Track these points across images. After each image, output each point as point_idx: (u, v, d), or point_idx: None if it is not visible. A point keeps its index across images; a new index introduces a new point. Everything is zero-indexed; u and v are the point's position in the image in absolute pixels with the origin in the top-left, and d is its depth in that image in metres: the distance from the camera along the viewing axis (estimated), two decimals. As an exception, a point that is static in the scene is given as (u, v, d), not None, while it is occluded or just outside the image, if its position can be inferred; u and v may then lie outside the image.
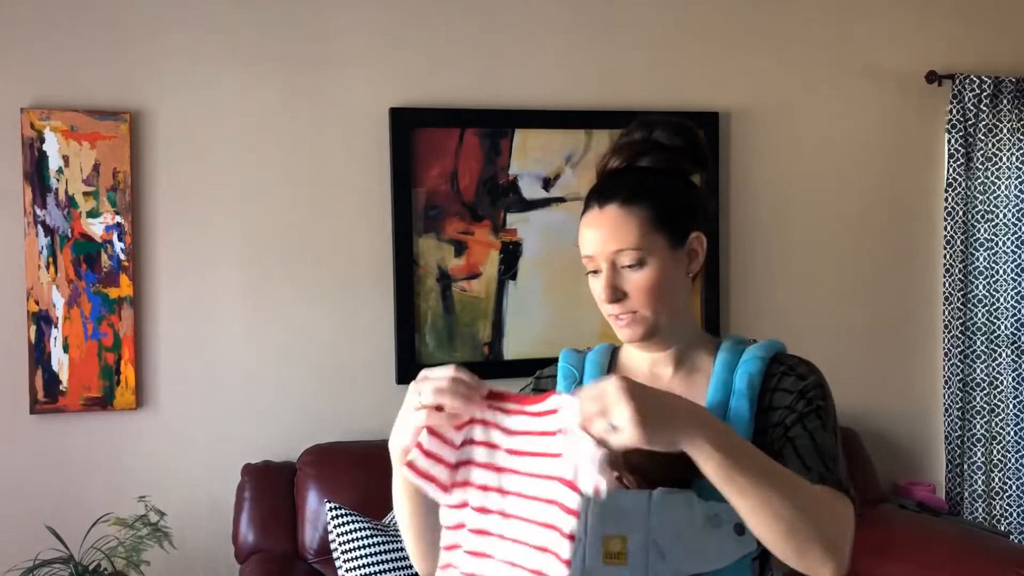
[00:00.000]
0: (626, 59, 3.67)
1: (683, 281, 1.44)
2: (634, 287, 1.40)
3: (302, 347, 3.40)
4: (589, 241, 1.42)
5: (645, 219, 1.39)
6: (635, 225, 1.39)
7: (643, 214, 1.39)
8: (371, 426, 3.41)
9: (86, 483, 3.21)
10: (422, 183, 3.47)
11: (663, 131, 1.45)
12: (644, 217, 1.39)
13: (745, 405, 1.36)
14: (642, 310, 1.40)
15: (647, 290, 1.39)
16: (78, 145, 3.17)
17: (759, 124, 3.82)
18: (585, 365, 1.51)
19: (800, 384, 1.39)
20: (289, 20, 3.38)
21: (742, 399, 1.37)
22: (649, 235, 1.40)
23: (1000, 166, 3.95)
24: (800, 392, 1.39)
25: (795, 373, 1.41)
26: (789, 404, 1.38)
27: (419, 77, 3.48)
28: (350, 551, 2.99)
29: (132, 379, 3.22)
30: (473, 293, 3.53)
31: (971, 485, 3.96)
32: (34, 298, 3.14)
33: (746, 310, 3.81)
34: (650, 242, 1.39)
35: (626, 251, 1.39)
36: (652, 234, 1.40)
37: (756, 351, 1.43)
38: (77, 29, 3.20)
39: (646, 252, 1.39)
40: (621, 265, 1.39)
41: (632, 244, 1.38)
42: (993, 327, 3.96)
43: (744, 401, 1.37)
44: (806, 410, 1.37)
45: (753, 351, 1.43)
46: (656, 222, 1.40)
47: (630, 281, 1.40)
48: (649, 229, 1.40)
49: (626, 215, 1.39)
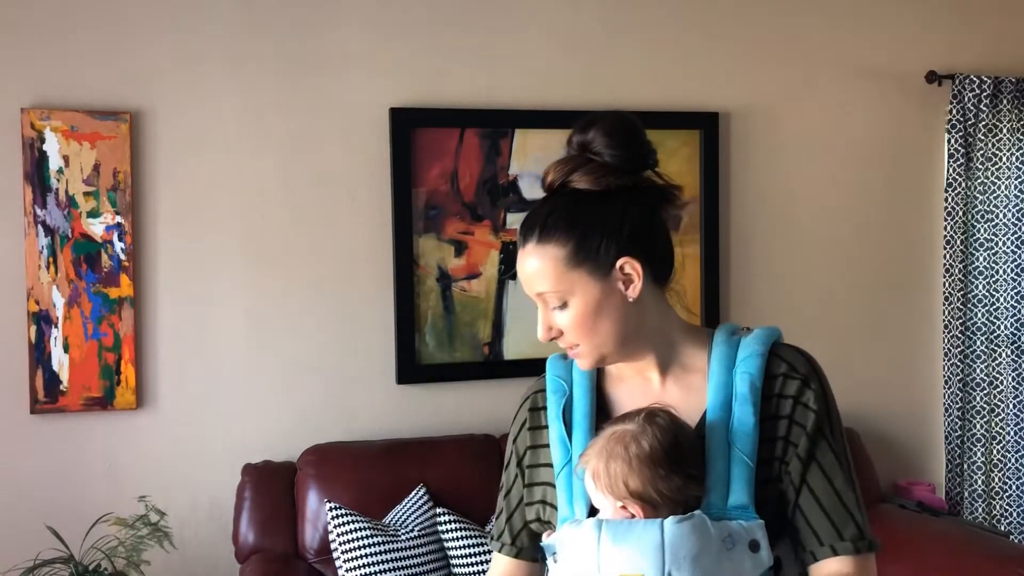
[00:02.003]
0: (626, 59, 3.67)
1: (623, 308, 1.36)
2: (565, 326, 1.36)
3: (302, 347, 3.40)
4: (520, 281, 1.39)
5: (561, 258, 1.34)
6: (551, 267, 1.34)
7: (558, 253, 1.34)
8: (371, 426, 3.41)
9: (86, 483, 3.21)
10: (422, 183, 3.47)
11: (599, 135, 1.39)
12: (559, 255, 1.34)
13: (749, 411, 1.32)
14: (582, 345, 1.37)
15: (577, 328, 1.35)
16: (78, 145, 3.17)
17: (759, 124, 3.82)
18: (573, 376, 1.45)
19: (804, 393, 1.36)
20: (289, 20, 3.38)
21: (745, 404, 1.32)
22: (567, 274, 1.34)
23: (1000, 166, 3.95)
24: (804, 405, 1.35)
25: (798, 375, 1.36)
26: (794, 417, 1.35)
27: (419, 77, 3.48)
28: (350, 551, 2.99)
29: (132, 379, 3.22)
30: (473, 293, 3.53)
31: (971, 485, 3.96)
32: (34, 298, 3.14)
33: (746, 310, 3.80)
34: (569, 281, 1.34)
35: (548, 293, 1.35)
36: (571, 271, 1.34)
37: (754, 345, 1.37)
38: (77, 29, 3.20)
39: (566, 292, 1.34)
40: (550, 306, 1.36)
41: (550, 287, 1.34)
42: (993, 327, 3.96)
43: (748, 406, 1.32)
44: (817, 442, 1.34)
45: (750, 345, 1.37)
46: (573, 258, 1.34)
47: (561, 319, 1.36)
48: (566, 268, 1.34)
49: (542, 256, 1.35)
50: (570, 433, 1.40)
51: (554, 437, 1.42)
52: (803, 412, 1.35)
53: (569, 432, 1.40)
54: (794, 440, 1.34)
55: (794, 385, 1.36)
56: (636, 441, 1.30)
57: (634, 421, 1.32)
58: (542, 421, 1.47)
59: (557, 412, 1.42)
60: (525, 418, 1.50)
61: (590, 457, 1.32)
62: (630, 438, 1.30)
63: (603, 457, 1.30)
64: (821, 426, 1.35)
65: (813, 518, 1.33)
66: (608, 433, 1.33)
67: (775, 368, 1.37)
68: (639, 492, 1.29)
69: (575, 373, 1.45)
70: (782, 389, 1.36)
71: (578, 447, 1.38)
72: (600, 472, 1.30)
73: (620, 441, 1.30)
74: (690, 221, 3.72)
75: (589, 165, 1.38)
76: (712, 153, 3.72)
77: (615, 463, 1.29)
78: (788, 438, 1.34)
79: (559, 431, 1.41)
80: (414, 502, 3.17)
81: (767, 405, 1.34)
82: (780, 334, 1.41)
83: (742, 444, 1.30)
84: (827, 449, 1.35)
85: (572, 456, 1.38)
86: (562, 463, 1.39)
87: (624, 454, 1.29)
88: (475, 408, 3.49)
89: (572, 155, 1.41)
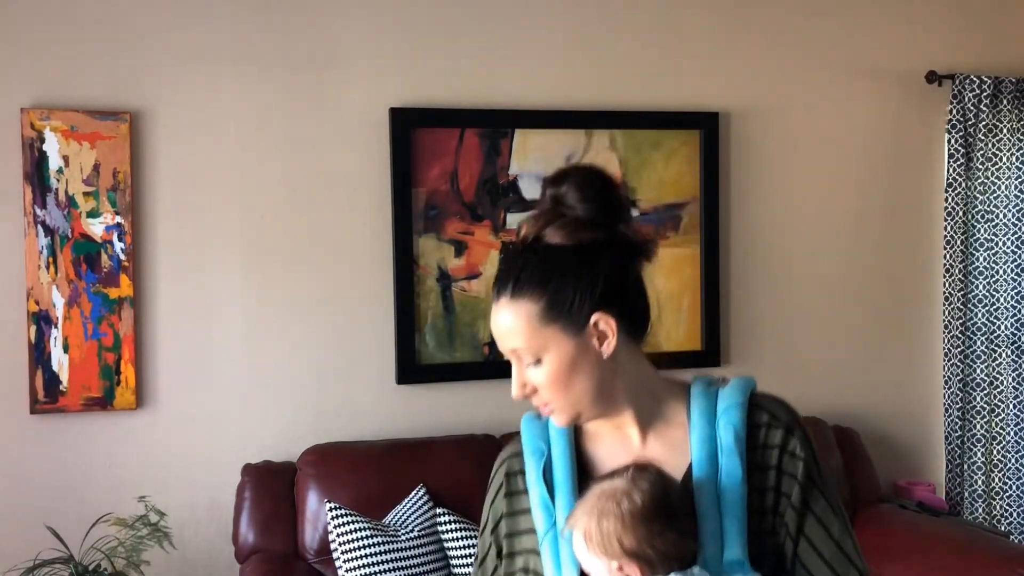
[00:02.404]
0: (626, 59, 3.67)
1: (598, 364, 1.33)
2: (539, 383, 1.33)
3: (302, 347, 3.40)
4: (494, 335, 1.36)
5: (534, 315, 1.31)
6: (524, 322, 1.31)
7: (532, 309, 1.31)
8: (371, 426, 3.41)
9: (86, 483, 3.20)
10: (422, 183, 3.46)
11: (572, 189, 1.34)
12: (532, 312, 1.31)
13: (736, 463, 1.30)
14: (554, 403, 1.33)
15: (550, 385, 1.32)
16: (78, 145, 3.17)
17: (759, 124, 3.82)
18: (551, 436, 1.40)
19: (790, 441, 1.35)
20: (289, 20, 3.38)
21: (732, 456, 1.31)
22: (541, 330, 1.31)
23: (1000, 166, 3.95)
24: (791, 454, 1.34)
25: (780, 424, 1.36)
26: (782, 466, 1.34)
27: (419, 77, 3.48)
28: (350, 551, 2.99)
29: (132, 379, 3.22)
30: (473, 293, 3.53)
31: (971, 485, 3.96)
32: (34, 298, 3.14)
33: (746, 310, 3.80)
34: (543, 337, 1.31)
35: (521, 350, 1.32)
36: (544, 328, 1.31)
37: (733, 396, 1.36)
38: (77, 29, 3.20)
39: (540, 349, 1.31)
40: (524, 363, 1.33)
41: (524, 343, 1.31)
42: (993, 327, 3.96)
43: (735, 459, 1.31)
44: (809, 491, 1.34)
45: (730, 397, 1.36)
46: (547, 314, 1.31)
47: (534, 377, 1.33)
48: (539, 324, 1.31)
49: (515, 312, 1.32)
50: (552, 496, 1.36)
51: (536, 501, 1.37)
52: (791, 461, 1.34)
53: (551, 495, 1.36)
54: (785, 490, 1.33)
55: (778, 434, 1.35)
56: (628, 497, 1.25)
57: (622, 478, 1.28)
58: (520, 486, 1.42)
59: (538, 475, 1.38)
60: (501, 483, 1.45)
61: (578, 518, 1.28)
62: (621, 494, 1.26)
63: (594, 516, 1.26)
64: (811, 473, 1.34)
65: (815, 569, 1.32)
66: (596, 491, 1.29)
67: (757, 418, 1.36)
68: (634, 550, 1.24)
69: (552, 432, 1.40)
70: (766, 439, 1.35)
71: (562, 509, 1.34)
72: (592, 532, 1.25)
73: (611, 498, 1.26)
74: (690, 221, 3.72)
75: (562, 219, 1.33)
76: (712, 153, 3.72)
77: (607, 521, 1.25)
78: (779, 488, 1.33)
79: (541, 495, 1.37)
80: (414, 502, 3.17)
81: (752, 456, 1.33)
82: (755, 382, 1.40)
83: (732, 497, 1.29)
84: (819, 496, 1.34)
85: (557, 519, 1.33)
86: (547, 528, 1.35)
87: (616, 511, 1.25)
88: (475, 408, 3.49)
89: (545, 209, 1.35)
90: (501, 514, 1.43)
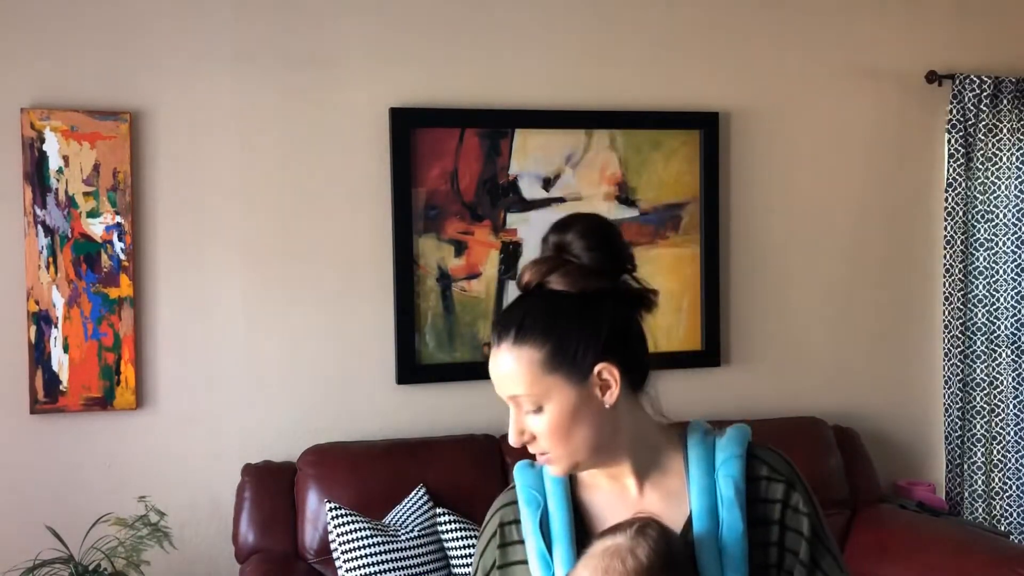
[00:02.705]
0: (626, 59, 3.67)
1: (599, 414, 1.31)
2: (538, 431, 1.31)
3: (302, 347, 3.40)
4: (492, 380, 1.35)
5: (537, 362, 1.30)
6: (526, 370, 1.30)
7: (534, 356, 1.30)
8: (371, 426, 3.41)
9: (86, 483, 3.21)
10: (422, 183, 3.46)
11: (576, 237, 1.33)
12: (535, 360, 1.30)
13: (737, 516, 1.30)
14: (553, 452, 1.32)
15: (550, 434, 1.31)
16: (78, 145, 3.17)
17: (759, 124, 3.82)
18: (546, 486, 1.39)
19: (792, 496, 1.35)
20: (289, 20, 3.38)
21: (733, 509, 1.30)
22: (543, 378, 1.30)
23: (1000, 166, 3.95)
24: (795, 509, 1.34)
25: (781, 478, 1.35)
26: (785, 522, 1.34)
27: (419, 77, 3.48)
28: (350, 551, 2.99)
29: (132, 379, 3.22)
30: (473, 293, 3.53)
31: (971, 485, 3.96)
32: (34, 298, 3.14)
33: (746, 310, 3.80)
34: (545, 385, 1.30)
35: (522, 396, 1.30)
36: (547, 376, 1.30)
37: (731, 447, 1.35)
38: (77, 29, 3.20)
39: (541, 397, 1.30)
40: (524, 410, 1.31)
41: (525, 390, 1.30)
42: (993, 327, 3.96)
43: (736, 511, 1.30)
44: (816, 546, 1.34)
45: (727, 448, 1.35)
46: (550, 362, 1.30)
47: (534, 425, 1.31)
48: (542, 371, 1.30)
49: (517, 359, 1.30)
50: (549, 547, 1.34)
51: (533, 553, 1.36)
52: (795, 517, 1.33)
53: (548, 546, 1.34)
54: (791, 547, 1.33)
55: (779, 488, 1.34)
56: (632, 555, 1.24)
57: (625, 534, 1.26)
58: (514, 536, 1.40)
59: (535, 526, 1.36)
60: (495, 532, 1.42)
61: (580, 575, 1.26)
62: (625, 552, 1.24)
63: (598, 575, 1.24)
64: (816, 530, 1.34)
65: None
66: (600, 549, 1.27)
67: (756, 470, 1.35)
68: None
69: (548, 482, 1.39)
70: (767, 493, 1.34)
71: (560, 561, 1.32)
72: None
73: (615, 556, 1.24)
74: (690, 221, 3.72)
75: (567, 267, 1.32)
76: (712, 153, 3.72)
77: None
78: (783, 544, 1.33)
79: (539, 547, 1.35)
80: (414, 502, 3.17)
81: (752, 509, 1.32)
82: (750, 431, 1.39)
83: (734, 551, 1.28)
84: (825, 552, 1.34)
85: (556, 572, 1.32)
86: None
87: (622, 569, 1.23)
88: (475, 408, 3.49)
89: (549, 256, 1.34)
90: (493, 564, 1.41)
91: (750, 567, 1.29)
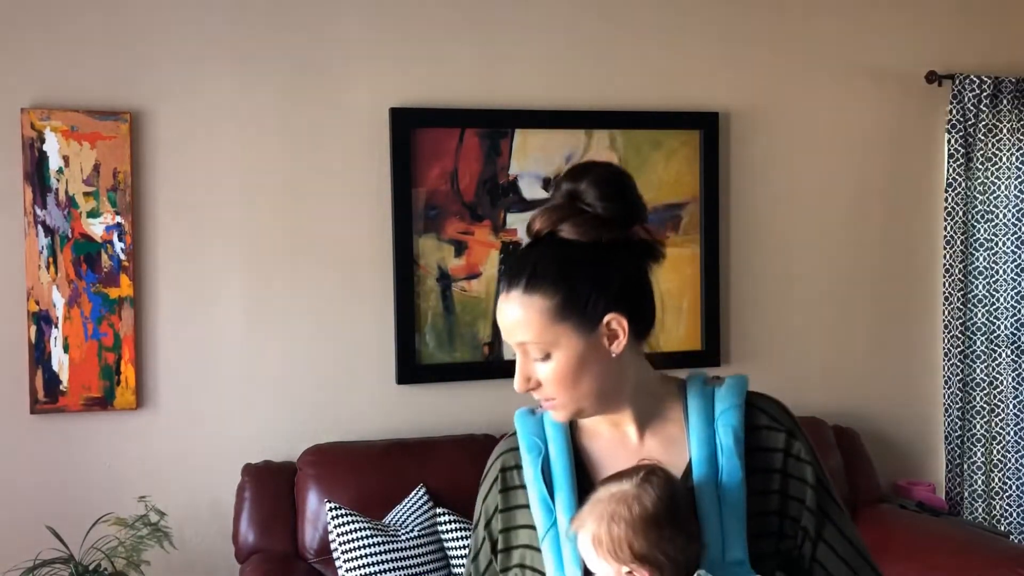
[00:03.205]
0: (626, 59, 3.67)
1: (606, 363, 1.32)
2: (545, 378, 1.32)
3: (302, 347, 3.40)
4: (500, 326, 1.35)
5: (547, 309, 1.30)
6: (536, 317, 1.30)
7: (545, 304, 1.30)
8: (371, 426, 3.41)
9: (86, 483, 3.20)
10: (422, 183, 3.47)
11: (591, 187, 1.32)
12: (546, 307, 1.30)
13: (736, 464, 1.31)
14: (558, 399, 1.33)
15: (557, 381, 1.31)
16: (78, 145, 3.17)
17: (759, 124, 3.82)
18: (547, 432, 1.39)
19: (793, 445, 1.36)
20: (289, 20, 3.38)
21: (732, 457, 1.31)
22: (553, 326, 1.30)
23: (1000, 166, 3.95)
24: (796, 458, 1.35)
25: (781, 427, 1.36)
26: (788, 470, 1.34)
27: (419, 77, 3.48)
28: (350, 551, 2.99)
29: (132, 379, 3.22)
30: (473, 293, 3.53)
31: (971, 485, 3.96)
32: (34, 298, 3.14)
33: (746, 310, 3.80)
34: (554, 333, 1.30)
35: (530, 343, 1.31)
36: (556, 324, 1.30)
37: (730, 398, 1.36)
38: (77, 29, 3.20)
39: (550, 344, 1.30)
40: (531, 357, 1.32)
41: (534, 338, 1.30)
42: (993, 327, 3.96)
43: (735, 459, 1.31)
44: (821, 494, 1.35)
45: (727, 398, 1.36)
46: (560, 311, 1.30)
47: (540, 372, 1.32)
48: (552, 320, 1.30)
49: (527, 305, 1.30)
50: (551, 493, 1.35)
51: (535, 499, 1.36)
52: (797, 465, 1.35)
53: (551, 492, 1.35)
54: (795, 494, 1.34)
55: (780, 438, 1.35)
56: (638, 502, 1.25)
57: (630, 481, 1.27)
58: (516, 481, 1.41)
59: (536, 472, 1.37)
60: (496, 477, 1.44)
61: (585, 521, 1.27)
62: (632, 499, 1.25)
63: (603, 520, 1.25)
64: (820, 478, 1.36)
65: (833, 568, 1.34)
66: (605, 495, 1.27)
67: (756, 420, 1.36)
68: (645, 555, 1.24)
69: (549, 429, 1.40)
70: (767, 442, 1.35)
71: (563, 507, 1.33)
72: (602, 536, 1.24)
73: (622, 502, 1.25)
74: (690, 221, 3.72)
75: (580, 216, 1.32)
76: (712, 153, 3.72)
77: (617, 526, 1.24)
78: (786, 492, 1.34)
79: (540, 492, 1.36)
80: (414, 502, 3.17)
81: (752, 458, 1.33)
82: (748, 380, 1.41)
83: (733, 498, 1.29)
84: (829, 499, 1.36)
85: (557, 517, 1.33)
86: (547, 526, 1.34)
87: (628, 516, 1.24)
88: (475, 408, 3.49)
89: (561, 203, 1.33)
90: (495, 509, 1.42)
91: (749, 514, 1.30)
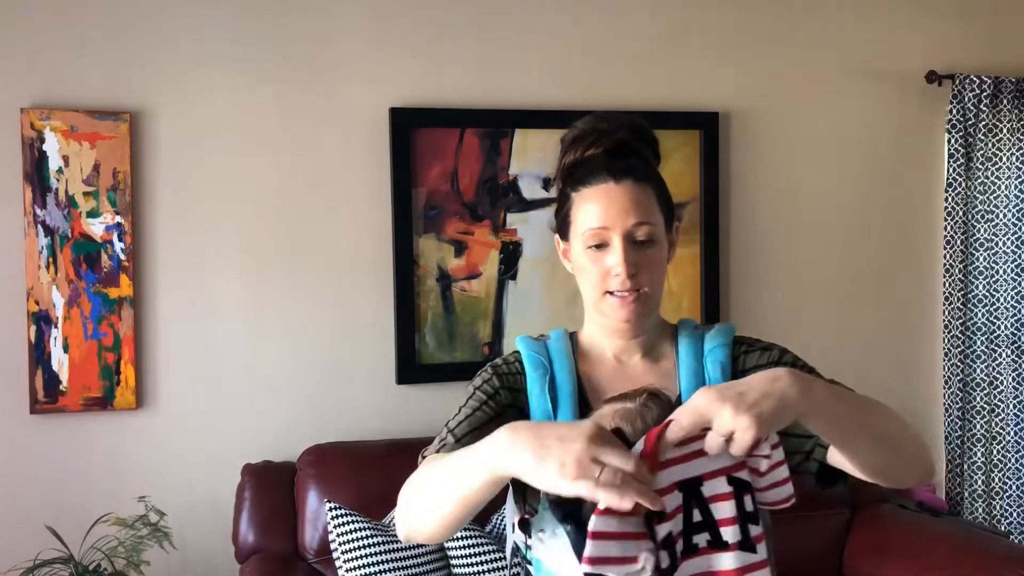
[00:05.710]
0: (625, 59, 3.67)
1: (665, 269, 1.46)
2: (645, 264, 1.39)
3: (302, 347, 3.40)
4: (604, 213, 1.39)
5: (655, 198, 1.42)
6: (650, 201, 1.40)
7: (652, 193, 1.41)
8: (371, 426, 3.41)
9: (86, 483, 3.21)
10: (422, 183, 3.47)
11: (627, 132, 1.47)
12: (653, 196, 1.42)
13: None
14: (647, 287, 1.40)
15: (655, 267, 1.41)
16: (78, 145, 3.17)
17: (759, 124, 3.82)
18: (552, 356, 1.45)
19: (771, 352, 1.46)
20: (289, 20, 3.38)
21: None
22: (657, 214, 1.41)
23: (1000, 166, 3.95)
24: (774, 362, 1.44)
25: (758, 347, 1.47)
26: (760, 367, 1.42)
27: (419, 77, 3.48)
28: (350, 551, 2.99)
29: (132, 379, 3.22)
30: (473, 293, 3.53)
31: (971, 485, 3.96)
32: (34, 298, 3.14)
33: (746, 309, 3.80)
34: (658, 221, 1.41)
35: (643, 225, 1.39)
36: (659, 214, 1.42)
37: (718, 338, 1.47)
38: (77, 29, 3.20)
39: (657, 229, 1.41)
40: (635, 239, 1.39)
41: (648, 219, 1.39)
42: (993, 327, 3.96)
43: None
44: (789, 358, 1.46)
45: (715, 339, 1.46)
46: (659, 205, 1.43)
47: (642, 257, 1.39)
48: (658, 209, 1.42)
49: (642, 191, 1.40)
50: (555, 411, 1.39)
51: (538, 413, 1.40)
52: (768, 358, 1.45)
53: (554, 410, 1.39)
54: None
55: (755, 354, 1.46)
56: (641, 418, 1.29)
57: (635, 400, 1.32)
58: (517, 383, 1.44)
59: (542, 387, 1.41)
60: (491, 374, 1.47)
61: None
62: (635, 415, 1.30)
63: None
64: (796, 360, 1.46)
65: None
66: (609, 411, 1.32)
67: (737, 351, 1.48)
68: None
69: (554, 353, 1.45)
70: (745, 363, 1.45)
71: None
72: None
73: (625, 418, 1.30)
74: (690, 221, 3.72)
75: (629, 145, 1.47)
76: (712, 153, 3.72)
77: None
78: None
79: (545, 407, 1.39)
80: (414, 502, 3.17)
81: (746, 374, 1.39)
82: (735, 328, 1.51)
83: None
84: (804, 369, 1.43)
85: None
86: None
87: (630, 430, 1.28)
88: (475, 408, 3.48)
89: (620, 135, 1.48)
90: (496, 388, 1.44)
91: None
